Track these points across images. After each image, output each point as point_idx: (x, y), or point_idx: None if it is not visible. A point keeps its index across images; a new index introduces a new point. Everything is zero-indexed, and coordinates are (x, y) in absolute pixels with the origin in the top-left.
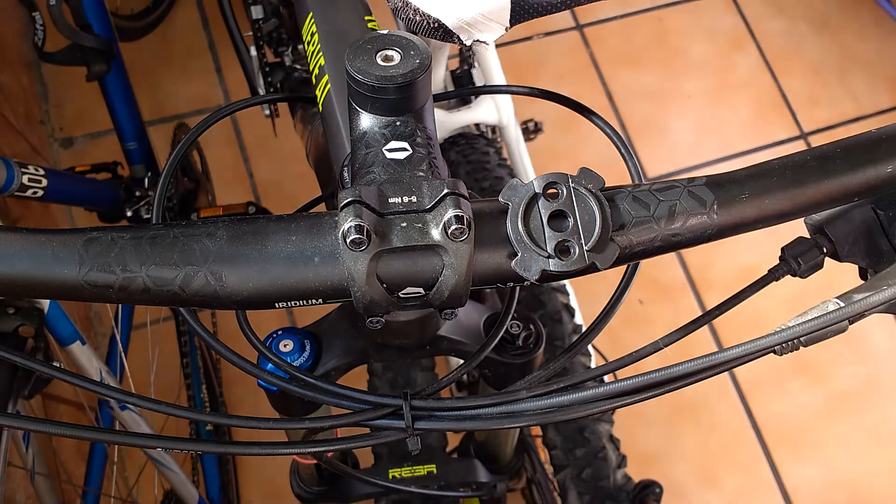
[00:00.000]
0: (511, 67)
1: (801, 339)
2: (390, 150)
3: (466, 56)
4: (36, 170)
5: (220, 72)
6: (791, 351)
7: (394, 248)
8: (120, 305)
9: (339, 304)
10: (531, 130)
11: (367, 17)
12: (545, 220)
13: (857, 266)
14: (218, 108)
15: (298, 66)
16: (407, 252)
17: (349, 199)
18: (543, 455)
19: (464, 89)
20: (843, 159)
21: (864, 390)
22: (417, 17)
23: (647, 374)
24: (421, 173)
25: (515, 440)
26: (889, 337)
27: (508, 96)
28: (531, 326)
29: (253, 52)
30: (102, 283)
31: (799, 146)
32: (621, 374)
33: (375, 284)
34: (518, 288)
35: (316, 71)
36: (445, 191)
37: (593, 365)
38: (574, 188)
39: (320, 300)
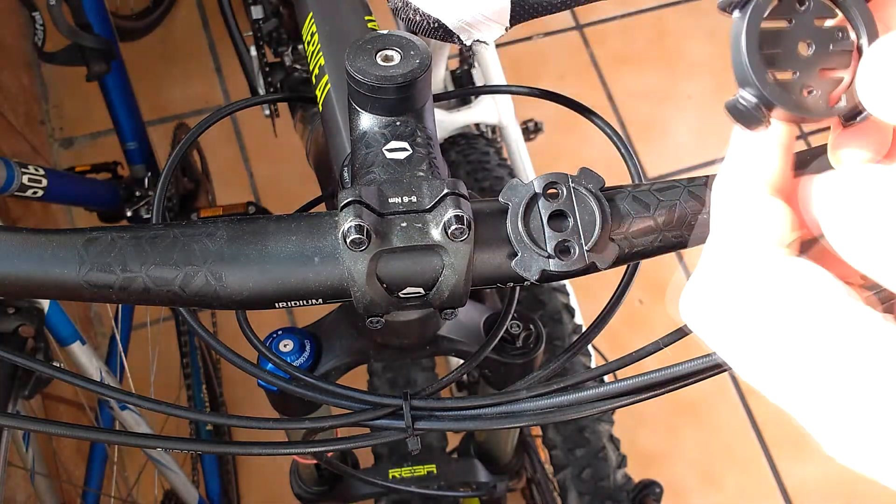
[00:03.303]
0: (511, 67)
1: None
2: (390, 150)
3: (466, 56)
4: (36, 170)
5: (220, 72)
6: None
7: (394, 248)
8: (120, 305)
9: (339, 304)
10: (531, 130)
11: (367, 17)
12: (545, 220)
13: None
14: (218, 108)
15: (298, 66)
16: (407, 252)
17: (349, 199)
18: (543, 455)
19: (464, 89)
20: None
21: None
22: (417, 17)
23: (647, 374)
24: (421, 173)
25: (515, 440)
26: None
27: (508, 96)
28: (531, 326)
29: (253, 52)
30: (102, 283)
31: (799, 146)
32: (621, 374)
33: (375, 284)
34: (518, 288)
35: (316, 71)
36: (445, 191)
37: (593, 365)
38: (574, 188)
39: (320, 300)
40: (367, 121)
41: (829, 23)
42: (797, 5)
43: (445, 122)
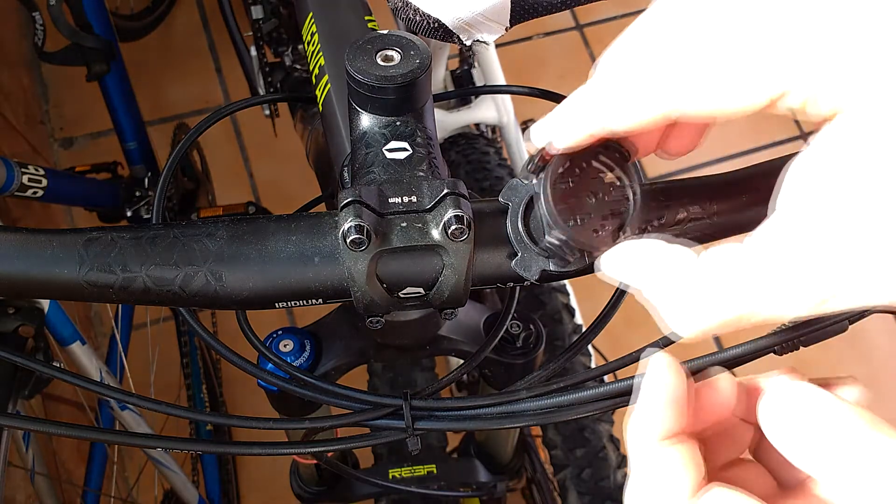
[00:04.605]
0: (511, 67)
1: (801, 338)
2: (390, 150)
3: (466, 56)
4: (36, 170)
5: (220, 72)
6: (791, 351)
7: (394, 248)
8: (120, 305)
9: (339, 304)
10: None
11: (367, 17)
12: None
13: None
14: (218, 108)
15: (298, 66)
16: (407, 252)
17: (349, 199)
18: (543, 455)
19: (464, 89)
20: None
21: None
22: (417, 17)
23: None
24: (421, 173)
25: (515, 440)
26: (889, 337)
27: (508, 96)
28: (531, 326)
29: (253, 52)
30: (102, 283)
31: (799, 146)
32: (621, 374)
33: (375, 284)
34: (518, 288)
35: (316, 71)
36: (445, 191)
37: (593, 365)
38: None
39: (320, 300)
40: (367, 121)
41: (607, 178)
42: (578, 168)
43: (445, 122)
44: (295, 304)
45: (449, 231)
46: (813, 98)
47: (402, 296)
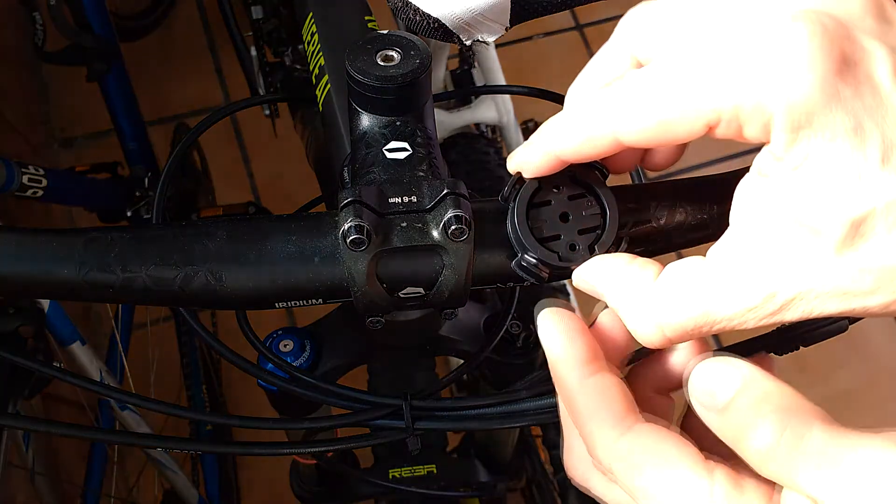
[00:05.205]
0: (511, 67)
1: (801, 338)
2: (390, 150)
3: (466, 56)
4: (36, 170)
5: (220, 72)
6: (791, 351)
7: (394, 249)
8: (120, 305)
9: (339, 304)
10: (531, 130)
11: (367, 17)
12: None
13: None
14: (218, 108)
15: (298, 66)
16: (407, 252)
17: (349, 199)
18: (543, 455)
19: (464, 89)
20: None
21: (864, 390)
22: (417, 17)
23: None
24: (421, 173)
25: (515, 440)
26: (889, 337)
27: (508, 96)
28: (531, 326)
29: (253, 52)
30: (102, 283)
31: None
32: None
33: (375, 284)
34: (518, 288)
35: (316, 71)
36: (445, 191)
37: None
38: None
39: (320, 300)
40: (367, 121)
41: (582, 196)
42: (554, 190)
43: (445, 122)
44: (295, 304)
45: (449, 231)
46: (742, 125)
47: (402, 296)
